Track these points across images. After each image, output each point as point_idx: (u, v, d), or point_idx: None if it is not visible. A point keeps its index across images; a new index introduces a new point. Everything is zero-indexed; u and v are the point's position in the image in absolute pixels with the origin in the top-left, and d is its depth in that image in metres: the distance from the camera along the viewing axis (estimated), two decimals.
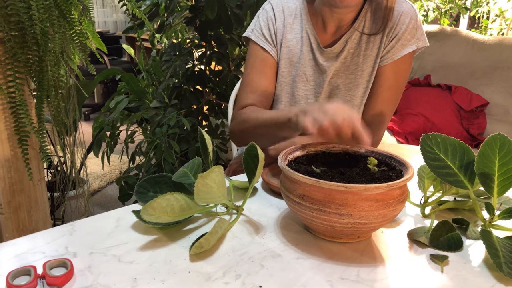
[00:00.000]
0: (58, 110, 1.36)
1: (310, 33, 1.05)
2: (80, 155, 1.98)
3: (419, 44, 1.01)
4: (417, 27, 1.01)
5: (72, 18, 1.30)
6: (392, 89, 1.03)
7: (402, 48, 1.01)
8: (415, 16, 1.01)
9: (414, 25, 1.01)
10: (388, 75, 1.02)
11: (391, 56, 1.01)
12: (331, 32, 1.04)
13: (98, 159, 2.09)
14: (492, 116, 2.16)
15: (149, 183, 0.75)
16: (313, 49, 1.05)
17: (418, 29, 1.01)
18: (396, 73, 1.02)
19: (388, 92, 1.03)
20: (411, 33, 1.00)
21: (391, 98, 1.04)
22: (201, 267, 0.59)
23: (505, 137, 0.67)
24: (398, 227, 0.71)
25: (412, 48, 1.01)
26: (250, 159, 0.73)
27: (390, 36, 1.01)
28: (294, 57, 1.07)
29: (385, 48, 1.01)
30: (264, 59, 1.08)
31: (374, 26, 1.02)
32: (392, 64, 1.02)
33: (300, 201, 0.63)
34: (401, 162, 0.69)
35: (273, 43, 1.08)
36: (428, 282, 0.57)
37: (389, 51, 1.01)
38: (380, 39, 1.01)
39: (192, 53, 1.99)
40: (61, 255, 0.61)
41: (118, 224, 0.70)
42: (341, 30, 1.03)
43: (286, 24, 1.07)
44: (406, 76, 1.05)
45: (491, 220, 0.68)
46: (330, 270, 0.59)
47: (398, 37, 1.00)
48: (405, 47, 1.00)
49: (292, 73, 1.08)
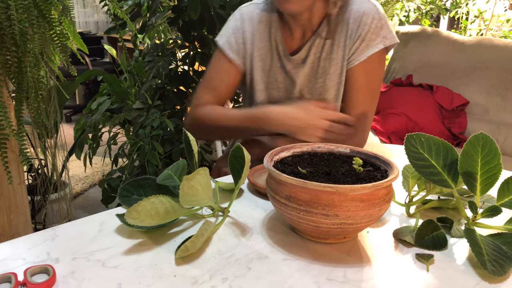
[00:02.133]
0: (39, 112, 1.34)
1: (279, 40, 1.06)
2: (62, 158, 1.94)
3: (386, 43, 1.01)
4: (381, 26, 1.00)
5: (52, 18, 1.28)
6: (365, 89, 1.04)
7: (368, 49, 1.00)
8: (378, 15, 1.00)
9: (377, 25, 1.00)
10: (358, 76, 1.02)
11: (357, 58, 1.01)
12: (297, 38, 1.05)
13: (80, 162, 2.06)
14: (472, 115, 2.20)
15: (133, 186, 0.74)
16: (281, 56, 1.06)
17: (383, 28, 1.00)
18: (366, 73, 1.02)
19: (361, 92, 1.04)
20: (375, 32, 1.00)
21: (365, 98, 1.04)
22: (187, 271, 0.58)
23: (487, 136, 0.68)
24: (383, 227, 0.72)
25: (378, 48, 1.00)
26: (236, 161, 0.72)
27: (354, 38, 1.00)
28: (265, 65, 1.08)
29: (350, 50, 1.01)
30: (226, 67, 1.09)
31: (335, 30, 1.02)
32: (360, 65, 1.01)
33: (286, 202, 0.62)
34: (386, 162, 0.69)
35: (239, 52, 1.08)
36: (414, 282, 0.57)
37: (355, 53, 1.01)
38: (344, 42, 1.02)
39: (175, 53, 1.97)
40: (42, 261, 0.60)
41: (101, 228, 0.69)
42: (307, 36, 1.04)
43: (256, 32, 1.07)
44: (379, 75, 1.05)
45: (474, 218, 0.69)
46: (317, 271, 0.59)
47: (361, 38, 1.00)
48: (371, 47, 1.00)
49: (265, 81, 1.10)
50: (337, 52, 1.03)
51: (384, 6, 3.35)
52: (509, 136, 2.09)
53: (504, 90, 2.13)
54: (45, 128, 1.67)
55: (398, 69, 2.48)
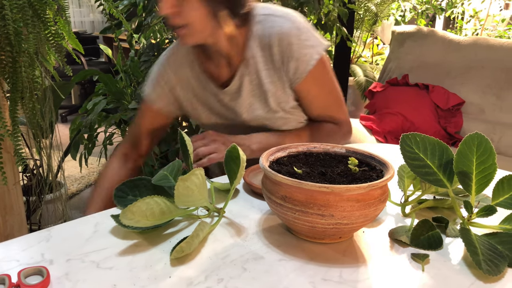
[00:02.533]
0: (34, 112, 1.33)
1: (203, 78, 1.02)
2: (57, 158, 1.93)
3: (319, 50, 0.95)
4: (306, 38, 0.94)
5: (46, 18, 1.27)
6: (322, 95, 1.02)
7: (304, 65, 0.95)
8: (297, 31, 0.94)
9: (301, 39, 0.94)
10: (309, 89, 0.99)
11: (299, 76, 0.96)
12: (224, 67, 1.00)
13: (76, 162, 2.05)
14: (468, 115, 2.21)
15: (128, 187, 0.74)
16: (214, 94, 1.02)
17: (308, 39, 0.94)
18: (316, 83, 0.99)
19: (320, 99, 1.02)
20: (303, 47, 0.94)
21: (327, 101, 1.03)
22: (182, 272, 0.58)
23: (482, 136, 0.68)
24: (379, 227, 0.72)
25: (315, 59, 0.95)
26: (231, 161, 0.72)
27: (285, 61, 0.95)
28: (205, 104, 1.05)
29: (288, 72, 0.96)
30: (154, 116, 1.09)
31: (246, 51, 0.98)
32: (305, 81, 0.97)
33: (282, 202, 0.62)
34: (382, 162, 0.69)
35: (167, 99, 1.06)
36: (409, 282, 0.57)
37: (295, 73, 0.96)
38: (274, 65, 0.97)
39: None
40: (37, 262, 0.59)
41: (96, 229, 0.68)
42: (234, 63, 0.99)
43: (182, 76, 1.04)
44: (329, 76, 1.01)
45: (470, 218, 0.69)
46: (312, 272, 0.58)
47: (293, 58, 0.94)
48: (306, 62, 0.95)
49: (212, 120, 1.07)
50: (273, 76, 0.97)
51: (380, 5, 3.35)
52: (504, 135, 2.10)
53: (499, 89, 2.14)
54: (40, 128, 1.67)
55: (394, 69, 2.48)
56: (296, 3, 2.22)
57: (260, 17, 0.97)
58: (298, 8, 2.27)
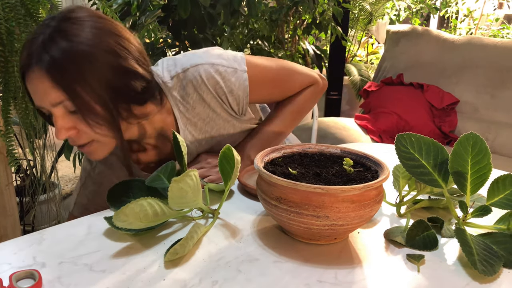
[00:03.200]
0: (26, 112, 1.32)
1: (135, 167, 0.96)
2: (51, 158, 1.92)
3: (242, 67, 0.91)
4: (224, 71, 0.89)
5: (39, 17, 1.26)
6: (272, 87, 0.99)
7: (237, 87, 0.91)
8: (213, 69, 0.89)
9: (221, 73, 0.89)
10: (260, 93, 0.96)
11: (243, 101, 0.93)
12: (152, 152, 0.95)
13: (70, 162, 2.03)
14: (462, 114, 2.21)
15: (121, 188, 0.73)
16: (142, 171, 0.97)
17: (227, 71, 0.90)
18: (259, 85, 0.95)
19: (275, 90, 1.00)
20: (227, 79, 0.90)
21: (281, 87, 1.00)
22: (176, 274, 0.57)
23: (477, 136, 0.68)
24: (374, 227, 0.71)
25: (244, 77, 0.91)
26: (225, 162, 0.71)
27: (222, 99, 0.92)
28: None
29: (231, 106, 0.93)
30: None
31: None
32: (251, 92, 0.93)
33: (277, 203, 0.62)
34: (377, 163, 0.69)
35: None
36: (405, 283, 0.57)
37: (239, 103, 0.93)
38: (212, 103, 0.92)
39: (165, 52, 1.95)
40: (28, 265, 0.58)
41: (89, 231, 0.68)
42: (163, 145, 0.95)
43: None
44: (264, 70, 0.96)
45: (465, 218, 0.69)
46: (308, 273, 0.58)
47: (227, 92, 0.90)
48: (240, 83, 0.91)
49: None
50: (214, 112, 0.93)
51: (374, 5, 3.36)
52: (499, 134, 2.11)
53: (494, 88, 2.15)
54: (33, 129, 1.65)
55: (389, 68, 2.48)
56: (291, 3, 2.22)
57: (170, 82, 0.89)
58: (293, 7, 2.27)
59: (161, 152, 0.96)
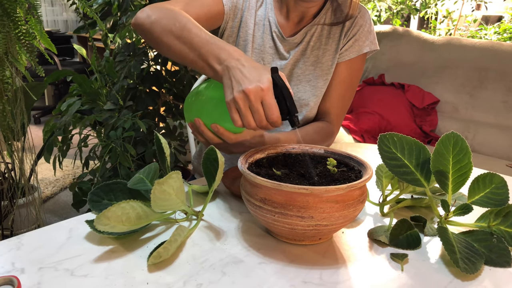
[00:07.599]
0: (4, 114, 1.29)
1: (272, 21, 1.06)
2: (30, 161, 1.88)
3: (372, 47, 1.07)
4: (370, 31, 1.07)
5: (17, 16, 1.23)
6: (346, 85, 1.08)
7: (358, 48, 1.06)
8: (369, 21, 1.07)
9: (368, 29, 1.06)
10: (343, 71, 1.07)
11: (348, 54, 1.06)
12: (294, 22, 1.06)
13: (50, 164, 2.00)
14: (443, 113, 2.25)
15: (103, 191, 0.72)
16: (274, 37, 1.06)
17: (371, 33, 1.07)
18: (350, 70, 1.08)
19: (343, 86, 1.08)
20: (365, 35, 1.06)
21: (345, 93, 1.09)
22: (160, 278, 0.56)
23: (458, 135, 0.69)
24: (358, 227, 0.72)
25: (366, 50, 1.07)
26: (209, 163, 0.71)
27: (348, 36, 1.05)
28: (254, 43, 1.05)
29: (343, 46, 1.06)
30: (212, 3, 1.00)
31: (335, 21, 1.06)
32: (347, 62, 1.07)
33: (261, 205, 0.61)
34: (360, 162, 0.69)
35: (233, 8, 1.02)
36: (389, 282, 0.57)
37: (347, 50, 1.06)
38: (339, 37, 1.05)
39: (147, 53, 1.93)
40: (7, 272, 0.57)
41: (70, 235, 0.66)
42: (303, 22, 1.06)
43: (251, 7, 1.05)
44: (359, 75, 1.11)
45: (447, 216, 0.70)
46: (293, 274, 0.58)
47: (355, 38, 1.05)
48: (361, 47, 1.06)
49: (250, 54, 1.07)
50: (331, 44, 1.06)
51: None
52: (478, 133, 2.15)
53: (472, 88, 2.19)
54: (11, 131, 1.61)
55: (371, 69, 2.51)
56: None
57: None
58: None
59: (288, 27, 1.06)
